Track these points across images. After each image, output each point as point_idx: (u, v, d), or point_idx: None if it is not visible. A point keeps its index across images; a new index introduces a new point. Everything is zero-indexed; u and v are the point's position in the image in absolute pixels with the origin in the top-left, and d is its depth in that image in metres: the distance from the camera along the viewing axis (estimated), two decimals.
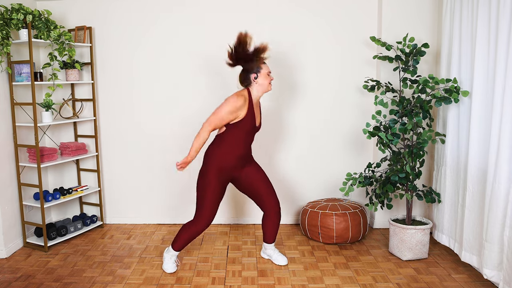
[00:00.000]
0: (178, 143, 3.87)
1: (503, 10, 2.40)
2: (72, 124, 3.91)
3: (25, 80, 3.30)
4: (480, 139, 2.71)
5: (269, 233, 3.08)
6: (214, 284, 2.80)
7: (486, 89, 2.66)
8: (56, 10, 3.70)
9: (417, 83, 3.13)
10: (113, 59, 3.82)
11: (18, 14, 3.09)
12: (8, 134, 3.33)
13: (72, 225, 3.66)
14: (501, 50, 2.44)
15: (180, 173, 3.87)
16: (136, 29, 3.77)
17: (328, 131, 3.84)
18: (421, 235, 3.09)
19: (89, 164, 3.97)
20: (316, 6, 3.70)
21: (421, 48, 3.17)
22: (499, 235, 2.48)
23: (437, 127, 3.29)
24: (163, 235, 3.70)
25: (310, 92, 3.80)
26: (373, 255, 3.24)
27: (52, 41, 3.31)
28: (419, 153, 3.09)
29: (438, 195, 3.19)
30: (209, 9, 3.71)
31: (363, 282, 2.80)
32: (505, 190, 2.42)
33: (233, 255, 3.27)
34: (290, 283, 2.80)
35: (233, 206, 3.96)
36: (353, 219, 3.38)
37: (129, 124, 3.89)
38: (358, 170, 3.80)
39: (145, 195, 3.98)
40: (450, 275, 2.89)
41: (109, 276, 2.93)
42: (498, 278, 2.52)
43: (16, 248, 3.41)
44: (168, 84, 3.82)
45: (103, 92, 3.86)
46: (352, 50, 3.74)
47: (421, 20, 3.54)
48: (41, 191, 3.31)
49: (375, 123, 3.64)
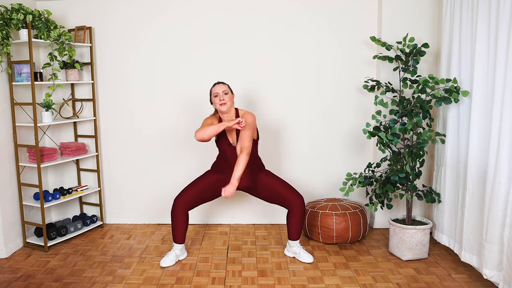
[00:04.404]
0: (178, 143, 3.87)
1: (503, 10, 2.40)
2: (72, 124, 3.91)
3: (25, 80, 3.30)
4: (480, 139, 2.71)
5: (293, 229, 3.11)
6: (214, 284, 2.80)
7: (486, 89, 2.66)
8: (56, 10, 3.70)
9: (417, 83, 3.13)
10: (113, 59, 3.82)
11: (18, 14, 3.09)
12: (8, 134, 3.33)
13: (72, 225, 3.66)
14: (501, 50, 2.44)
15: (180, 173, 3.88)
16: (136, 29, 3.77)
17: (328, 131, 3.84)
18: (421, 235, 3.09)
19: (89, 164, 3.97)
20: (316, 6, 3.70)
21: (421, 48, 3.17)
22: (499, 235, 2.48)
23: (437, 127, 3.29)
24: (163, 235, 3.70)
25: (310, 92, 3.79)
26: (373, 255, 3.24)
27: (52, 41, 3.31)
28: (419, 153, 3.09)
29: (438, 195, 3.19)
30: (209, 8, 3.71)
31: (363, 282, 2.80)
32: (505, 190, 2.42)
33: (233, 255, 3.27)
34: (290, 283, 2.80)
35: (233, 206, 3.96)
36: (353, 219, 3.38)
37: (129, 124, 3.89)
38: (358, 170, 3.80)
39: (145, 195, 3.98)
40: (450, 275, 2.89)
41: (109, 276, 2.93)
42: (498, 278, 2.52)
43: (16, 248, 3.41)
44: (168, 84, 3.82)
45: (103, 92, 3.86)
46: (352, 50, 3.74)
47: (421, 20, 3.54)
48: (41, 191, 3.31)
49: (375, 123, 3.64)
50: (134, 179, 3.96)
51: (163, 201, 3.96)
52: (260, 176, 3.09)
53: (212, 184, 3.08)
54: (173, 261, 3.10)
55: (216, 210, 3.95)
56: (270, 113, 3.81)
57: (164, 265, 3.06)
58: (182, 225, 3.07)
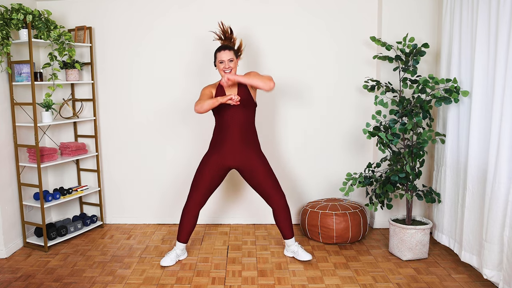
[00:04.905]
0: (178, 142, 3.87)
1: (503, 10, 2.40)
2: (72, 124, 3.91)
3: (25, 80, 3.30)
4: (480, 139, 2.71)
5: (282, 228, 3.11)
6: (214, 284, 2.80)
7: (486, 89, 2.66)
8: (56, 10, 3.70)
9: (417, 83, 3.13)
10: (113, 59, 3.82)
11: (18, 14, 3.09)
12: (8, 134, 3.33)
13: (72, 225, 3.66)
14: (501, 50, 2.44)
15: (179, 173, 3.88)
16: (136, 28, 3.77)
17: (328, 131, 3.84)
18: (421, 235, 3.09)
19: (89, 164, 3.97)
20: (316, 6, 3.70)
21: (421, 48, 3.17)
22: (499, 235, 2.48)
23: (437, 127, 3.29)
24: (163, 235, 3.70)
25: (309, 92, 3.80)
26: (373, 255, 3.24)
27: (52, 41, 3.31)
28: (419, 153, 3.09)
29: (438, 195, 3.19)
30: (209, 8, 3.71)
31: (363, 282, 2.80)
32: (505, 190, 2.42)
33: (233, 255, 3.27)
34: (290, 283, 2.80)
35: (233, 206, 3.96)
36: (353, 219, 3.38)
37: (129, 124, 3.89)
38: (358, 170, 3.80)
39: (145, 195, 3.98)
40: (450, 275, 2.89)
41: (109, 276, 2.93)
42: (498, 278, 2.52)
43: (16, 248, 3.41)
44: (168, 84, 3.82)
45: (103, 92, 3.86)
46: (352, 50, 3.74)
47: (421, 20, 3.54)
48: (41, 191, 3.31)
49: (375, 123, 3.64)
50: (134, 179, 3.96)
51: (163, 201, 3.96)
52: (254, 163, 3.00)
53: (218, 170, 3.02)
54: (174, 261, 3.10)
55: (216, 210, 3.95)
56: (270, 113, 3.81)
57: (164, 265, 3.06)
58: (191, 225, 3.08)
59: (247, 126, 2.97)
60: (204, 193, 3.04)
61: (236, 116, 2.93)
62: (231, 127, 2.94)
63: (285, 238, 3.15)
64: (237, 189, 3.92)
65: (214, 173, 3.02)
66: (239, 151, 2.97)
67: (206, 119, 3.69)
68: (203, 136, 3.72)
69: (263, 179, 3.02)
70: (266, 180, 3.02)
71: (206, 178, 3.02)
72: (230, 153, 2.98)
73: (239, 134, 2.95)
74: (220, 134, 3.00)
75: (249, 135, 3.00)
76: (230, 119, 2.93)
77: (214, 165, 3.01)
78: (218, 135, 3.01)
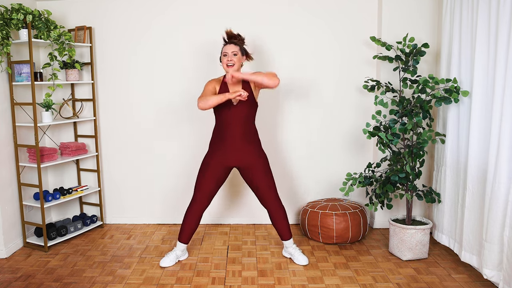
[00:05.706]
0: (178, 142, 3.87)
1: (503, 10, 2.40)
2: (72, 124, 3.91)
3: (25, 80, 3.30)
4: (480, 139, 2.71)
5: (279, 229, 3.11)
6: (214, 284, 2.80)
7: (486, 89, 2.66)
8: (56, 10, 3.70)
9: (417, 83, 3.13)
10: (113, 59, 3.82)
11: (18, 14, 3.09)
12: (8, 134, 3.33)
13: (72, 225, 3.66)
14: (501, 50, 2.44)
15: (179, 173, 3.88)
16: (136, 28, 3.77)
17: (328, 131, 3.84)
18: (421, 235, 3.09)
19: (89, 164, 3.97)
20: (315, 6, 3.70)
21: (421, 48, 3.17)
22: (499, 235, 2.48)
23: (437, 127, 3.29)
24: (163, 235, 3.70)
25: (310, 92, 3.80)
26: (373, 255, 3.24)
27: (52, 41, 3.31)
28: (419, 153, 3.09)
29: (438, 195, 3.19)
30: (209, 8, 3.71)
31: (363, 282, 2.80)
32: (505, 190, 2.42)
33: (233, 255, 3.27)
34: (290, 283, 2.80)
35: (233, 206, 3.96)
36: (353, 219, 3.38)
37: (129, 124, 3.89)
38: (358, 170, 3.80)
39: (145, 195, 3.98)
40: (450, 275, 2.89)
41: (109, 276, 2.93)
42: (498, 278, 2.52)
43: (16, 248, 3.41)
44: (168, 84, 3.82)
45: (103, 92, 3.86)
46: (352, 50, 3.74)
47: (421, 20, 3.54)
48: (41, 191, 3.31)
49: (375, 123, 3.64)
50: (134, 179, 3.96)
51: (164, 201, 3.96)
52: (253, 161, 2.99)
53: (221, 171, 3.00)
54: (173, 262, 3.10)
55: (216, 210, 3.95)
56: (270, 113, 3.81)
57: (164, 265, 3.06)
58: (194, 227, 3.07)
59: (248, 125, 2.96)
60: (208, 195, 3.03)
61: (238, 114, 2.91)
62: (232, 126, 2.93)
63: (284, 240, 3.14)
64: (237, 189, 3.92)
65: (217, 174, 3.00)
66: (240, 150, 2.96)
67: (206, 119, 3.69)
68: (203, 135, 3.73)
69: (259, 178, 3.00)
70: (263, 179, 3.00)
71: (210, 180, 3.00)
72: (231, 152, 2.97)
73: (240, 133, 2.94)
74: (221, 133, 2.98)
75: (250, 134, 2.99)
76: (231, 118, 2.91)
77: (216, 166, 2.99)
78: (219, 134, 2.99)
